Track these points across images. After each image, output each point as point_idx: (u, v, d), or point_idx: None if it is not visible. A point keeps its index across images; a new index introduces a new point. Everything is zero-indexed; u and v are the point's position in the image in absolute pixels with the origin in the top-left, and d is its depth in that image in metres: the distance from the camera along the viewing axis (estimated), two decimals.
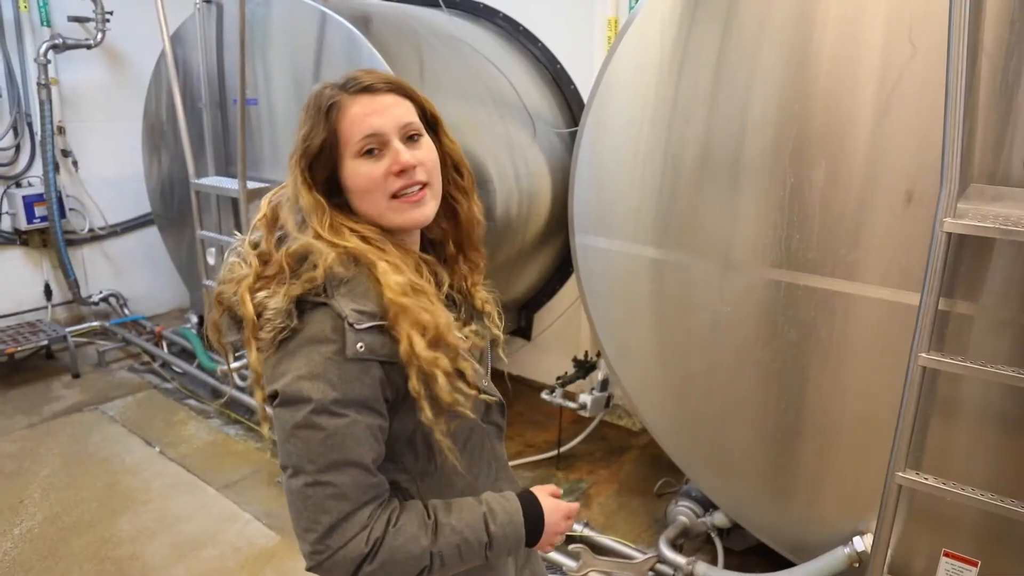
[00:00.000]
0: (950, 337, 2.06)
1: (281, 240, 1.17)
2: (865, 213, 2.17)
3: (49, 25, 5.24)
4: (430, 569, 1.15)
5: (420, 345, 1.09)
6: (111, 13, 5.26)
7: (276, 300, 1.10)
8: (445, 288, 1.27)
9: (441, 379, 1.11)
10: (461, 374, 1.17)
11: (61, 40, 5.14)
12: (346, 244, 1.11)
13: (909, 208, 2.08)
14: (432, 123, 1.26)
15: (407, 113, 1.19)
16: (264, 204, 1.22)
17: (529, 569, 1.53)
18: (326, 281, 1.10)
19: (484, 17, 4.58)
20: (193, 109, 4.40)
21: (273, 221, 1.20)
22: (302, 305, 1.11)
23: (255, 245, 1.19)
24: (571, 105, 4.34)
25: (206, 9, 4.17)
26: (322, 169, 1.16)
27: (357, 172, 1.15)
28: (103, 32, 5.27)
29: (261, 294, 1.12)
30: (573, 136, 4.17)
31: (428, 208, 1.20)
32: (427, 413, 1.13)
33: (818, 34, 2.19)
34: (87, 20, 5.29)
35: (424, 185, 1.18)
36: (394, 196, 1.16)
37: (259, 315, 1.11)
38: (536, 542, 1.29)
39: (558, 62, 4.36)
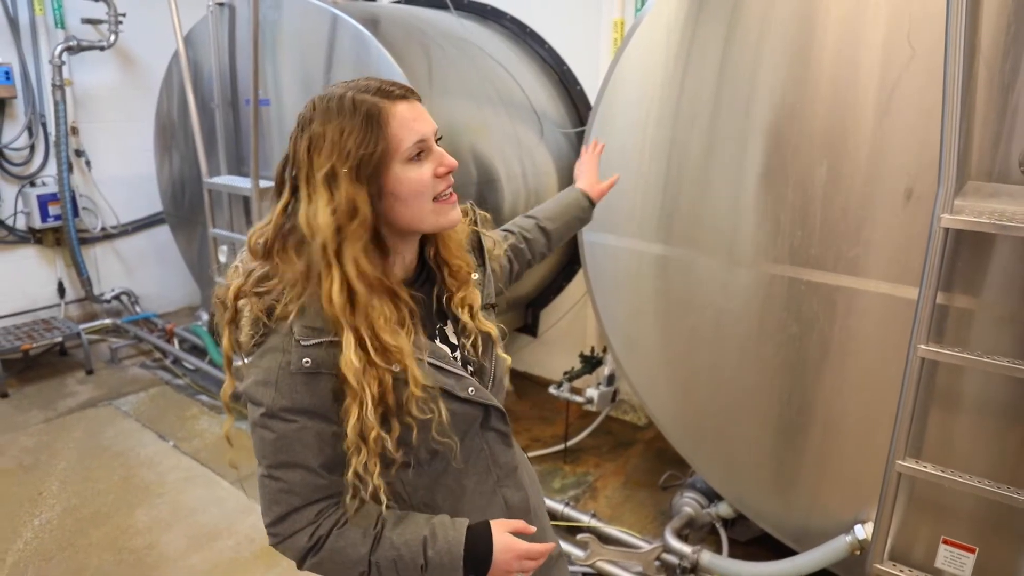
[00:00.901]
0: (950, 330, 2.12)
1: (286, 239, 1.20)
2: (866, 210, 2.24)
3: (63, 27, 5.32)
4: (376, 565, 1.22)
5: (357, 416, 1.14)
6: (124, 15, 5.35)
7: (247, 314, 1.19)
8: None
9: (360, 453, 1.15)
10: (420, 422, 1.20)
11: (75, 42, 5.23)
12: (332, 297, 1.12)
13: (909, 205, 2.14)
14: None
15: (432, 119, 1.24)
16: (267, 222, 1.23)
17: None
18: (286, 315, 1.16)
19: (492, 19, 4.65)
20: (205, 109, 4.48)
21: (272, 242, 1.21)
22: (271, 317, 1.18)
23: (255, 250, 1.23)
24: (577, 105, 4.41)
25: (219, 11, 4.25)
26: (375, 180, 1.15)
27: (407, 177, 1.16)
28: (116, 34, 5.36)
29: (240, 301, 1.20)
30: (580, 136, 4.25)
31: (459, 209, 1.26)
32: (354, 466, 1.17)
33: (819, 36, 2.26)
34: (100, 22, 5.38)
35: (452, 186, 1.24)
36: (434, 199, 1.20)
37: (236, 325, 1.20)
38: None
39: (564, 63, 4.42)
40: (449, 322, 1.36)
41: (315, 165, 1.13)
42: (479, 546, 1.25)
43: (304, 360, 1.14)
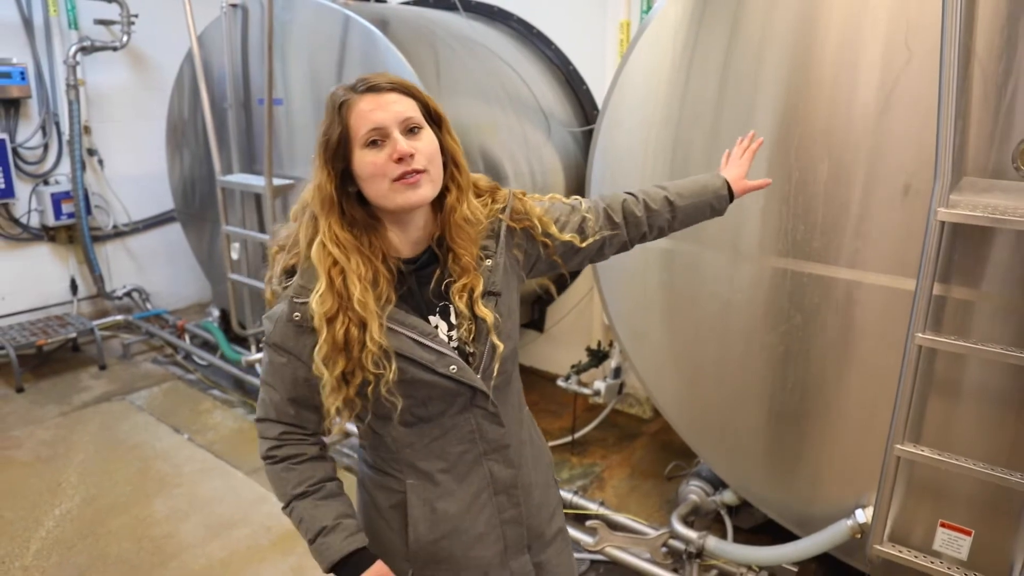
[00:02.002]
0: (948, 320, 2.21)
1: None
2: (866, 205, 2.32)
3: (76, 28, 5.42)
4: (287, 512, 1.48)
5: (322, 351, 1.33)
6: (136, 16, 5.44)
7: (278, 267, 1.44)
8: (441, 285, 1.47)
9: (324, 384, 1.35)
10: (375, 376, 1.35)
11: (89, 42, 5.33)
12: (311, 253, 1.35)
13: (907, 200, 2.23)
14: (436, 120, 1.40)
15: (408, 109, 1.34)
16: (300, 199, 1.47)
17: (525, 561, 1.60)
18: (295, 265, 1.41)
19: (499, 20, 4.73)
20: (217, 109, 4.57)
21: (304, 206, 1.45)
22: (290, 272, 1.42)
23: (292, 214, 1.46)
24: (583, 105, 4.50)
25: (232, 13, 4.33)
26: (339, 161, 1.33)
27: (364, 160, 1.31)
28: (128, 35, 5.45)
29: (279, 256, 1.46)
30: (586, 135, 4.34)
31: (423, 191, 1.33)
32: (323, 396, 1.38)
33: (820, 38, 2.34)
34: (113, 23, 5.47)
35: (421, 172, 1.32)
36: (395, 180, 1.31)
37: (274, 272, 1.46)
38: None
39: (571, 64, 4.51)
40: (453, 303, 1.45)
41: (314, 149, 1.38)
42: (349, 569, 1.44)
43: (294, 314, 1.36)
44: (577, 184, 4.20)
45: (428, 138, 1.35)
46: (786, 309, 2.57)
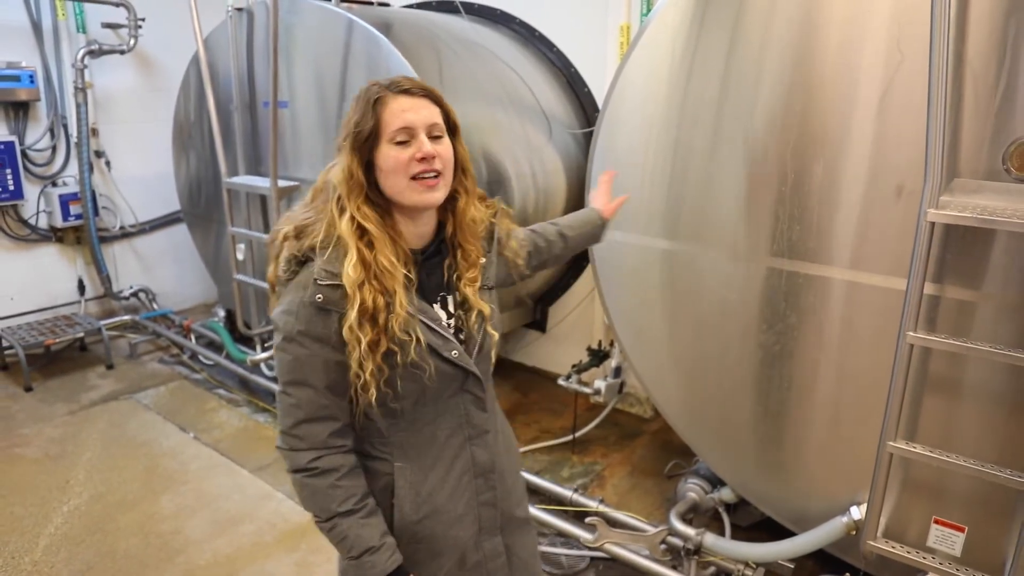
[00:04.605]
0: (941, 319, 2.24)
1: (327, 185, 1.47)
2: (860, 206, 2.36)
3: (84, 32, 5.49)
4: (328, 527, 1.49)
5: (351, 319, 1.37)
6: (143, 20, 5.50)
7: (285, 253, 1.45)
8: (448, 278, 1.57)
9: (356, 352, 1.39)
10: (401, 344, 1.41)
11: (97, 46, 5.39)
12: (340, 227, 1.40)
13: (900, 201, 2.27)
14: (452, 128, 1.51)
15: (434, 115, 1.45)
16: (320, 177, 1.50)
17: (497, 542, 1.70)
18: (313, 247, 1.43)
19: (501, 23, 4.78)
20: (223, 111, 4.62)
21: (320, 190, 1.49)
22: (303, 259, 1.44)
23: (314, 189, 1.51)
24: (585, 107, 4.54)
25: (237, 16, 4.39)
26: (366, 151, 1.41)
27: (389, 155, 1.40)
28: (135, 38, 5.51)
29: (286, 244, 1.46)
30: (587, 136, 4.38)
31: (439, 193, 1.45)
32: (352, 366, 1.41)
33: (817, 42, 2.38)
34: (120, 27, 5.54)
35: (438, 174, 1.43)
36: (413, 178, 1.40)
37: (277, 262, 1.47)
38: None
39: (572, 66, 4.55)
40: (451, 295, 1.57)
41: (340, 135, 1.44)
42: None
43: (317, 296, 1.39)
44: (578, 185, 4.24)
45: (447, 146, 1.47)
46: (782, 309, 2.61)
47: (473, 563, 1.66)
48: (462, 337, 1.56)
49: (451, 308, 1.57)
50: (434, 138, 1.43)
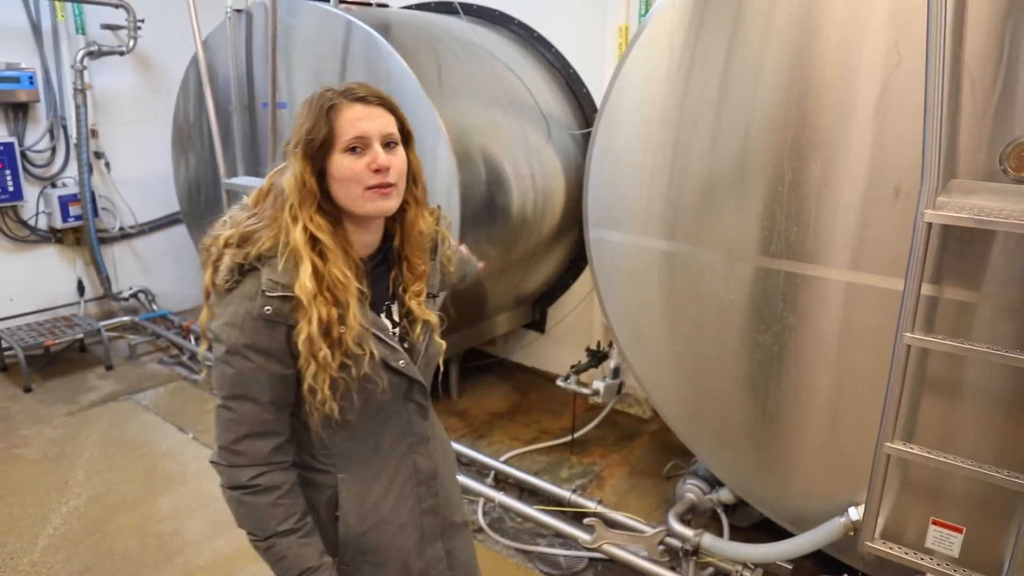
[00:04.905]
0: (940, 320, 2.24)
1: (274, 191, 1.43)
2: (858, 207, 2.36)
3: (84, 33, 5.49)
4: (265, 546, 1.44)
5: (307, 333, 1.34)
6: (142, 21, 5.50)
7: (226, 261, 1.38)
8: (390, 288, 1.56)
9: (311, 366, 1.36)
10: (355, 357, 1.40)
11: (96, 47, 5.40)
12: (293, 237, 1.36)
13: (897, 202, 2.27)
14: (406, 137, 1.48)
15: (389, 124, 1.42)
16: (267, 180, 1.47)
17: (439, 548, 1.71)
18: (260, 256, 1.38)
19: (500, 24, 4.78)
20: (222, 112, 4.62)
21: (266, 195, 1.45)
22: (247, 269, 1.39)
23: (257, 193, 1.47)
24: (583, 108, 4.54)
25: (236, 17, 4.39)
26: (319, 160, 1.37)
27: (342, 164, 1.37)
28: (135, 39, 5.51)
29: (227, 252, 1.40)
30: (586, 137, 4.38)
31: (392, 202, 1.43)
32: (307, 380, 1.38)
33: (816, 43, 2.38)
34: (119, 28, 5.55)
35: (392, 184, 1.41)
36: (367, 188, 1.38)
37: (216, 269, 1.40)
38: None
39: (571, 67, 4.56)
40: (396, 303, 1.57)
41: (290, 141, 1.39)
42: None
43: (265, 308, 1.35)
44: (577, 186, 4.24)
45: (401, 156, 1.44)
46: (780, 309, 2.61)
47: (417, 571, 1.67)
48: (406, 345, 1.56)
49: (395, 317, 1.56)
50: (388, 147, 1.41)
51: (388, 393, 1.48)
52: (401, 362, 1.50)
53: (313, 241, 1.36)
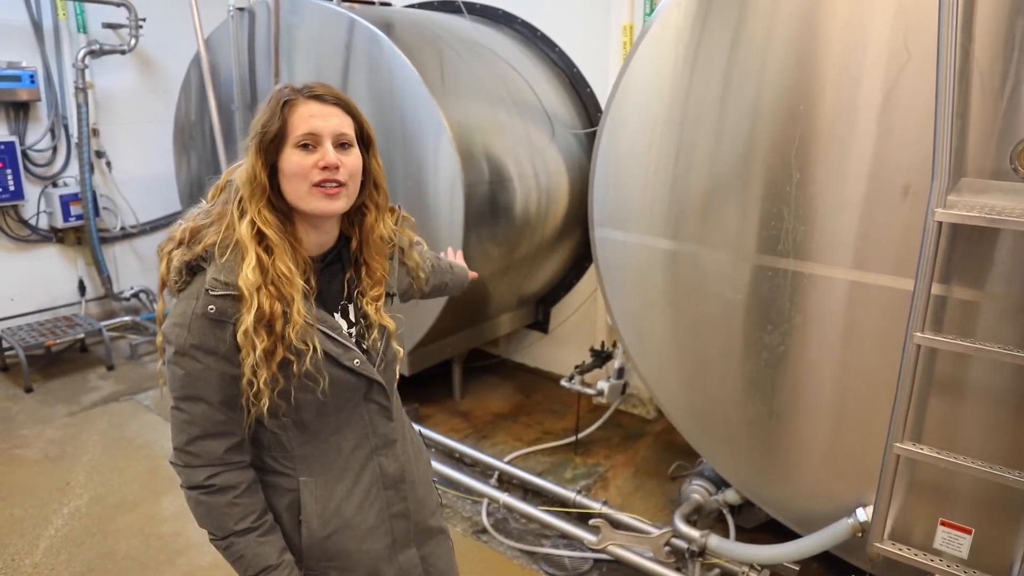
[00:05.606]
0: (949, 320, 2.22)
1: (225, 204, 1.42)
2: (865, 206, 2.34)
3: (85, 32, 5.48)
4: (224, 545, 1.44)
5: (246, 324, 1.32)
6: (144, 20, 5.49)
7: (176, 262, 1.37)
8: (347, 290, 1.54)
9: (250, 358, 1.33)
10: (298, 353, 1.37)
11: (97, 46, 5.38)
12: (240, 230, 1.35)
13: (906, 201, 2.25)
14: (366, 142, 1.47)
15: (344, 125, 1.41)
16: (224, 175, 1.46)
17: (412, 554, 1.68)
18: (206, 254, 1.37)
19: (503, 23, 4.77)
20: (224, 111, 4.61)
21: (221, 190, 1.45)
22: (195, 267, 1.38)
23: (213, 189, 1.46)
24: (587, 107, 4.53)
25: (238, 16, 4.38)
26: (271, 154, 1.37)
27: (291, 159, 1.36)
28: (136, 38, 5.50)
29: (176, 252, 1.39)
30: (589, 136, 4.37)
31: (339, 203, 1.41)
32: (246, 374, 1.36)
33: (821, 41, 2.36)
34: (121, 27, 5.54)
35: (341, 185, 1.39)
36: (315, 185, 1.37)
37: (170, 263, 1.39)
38: None
39: (575, 66, 4.54)
40: (352, 305, 1.54)
41: (248, 135, 1.39)
42: None
43: (209, 307, 1.33)
44: (581, 185, 4.22)
45: (355, 157, 1.43)
46: (787, 309, 2.59)
47: None
48: (365, 346, 1.53)
49: (352, 317, 1.54)
50: (341, 147, 1.40)
51: (337, 393, 1.46)
52: (356, 361, 1.48)
53: (260, 236, 1.35)
